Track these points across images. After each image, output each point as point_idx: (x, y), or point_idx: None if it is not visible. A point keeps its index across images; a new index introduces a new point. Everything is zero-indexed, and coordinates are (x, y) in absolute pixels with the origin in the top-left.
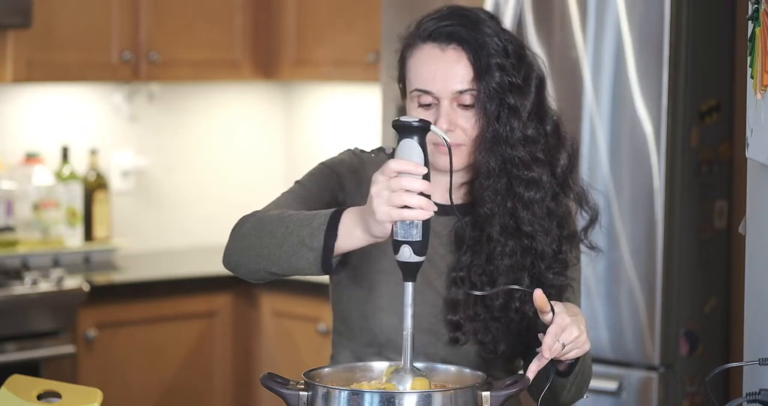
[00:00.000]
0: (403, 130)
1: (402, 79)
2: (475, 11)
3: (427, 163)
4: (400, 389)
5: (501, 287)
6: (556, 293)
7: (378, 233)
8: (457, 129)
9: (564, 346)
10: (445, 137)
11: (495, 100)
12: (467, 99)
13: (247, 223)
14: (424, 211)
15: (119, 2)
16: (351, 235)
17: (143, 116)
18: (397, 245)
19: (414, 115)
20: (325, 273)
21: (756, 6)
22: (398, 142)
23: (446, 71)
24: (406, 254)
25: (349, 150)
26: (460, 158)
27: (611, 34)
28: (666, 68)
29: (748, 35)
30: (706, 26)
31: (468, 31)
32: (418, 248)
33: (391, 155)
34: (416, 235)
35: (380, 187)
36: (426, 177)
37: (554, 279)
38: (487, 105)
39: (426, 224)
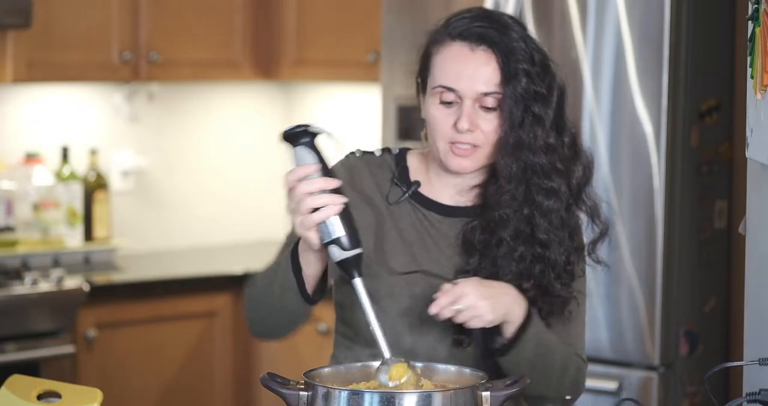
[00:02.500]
0: (290, 140)
1: (422, 74)
2: (504, 16)
3: (322, 160)
4: (391, 384)
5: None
6: (560, 304)
7: (314, 247)
8: (477, 130)
9: (458, 310)
10: (330, 133)
11: (520, 106)
12: (490, 102)
13: (252, 286)
14: (332, 206)
15: (119, 2)
16: (308, 261)
17: (143, 116)
18: (327, 249)
19: (433, 110)
20: (312, 304)
21: (756, 6)
22: (293, 154)
23: (474, 71)
24: (336, 253)
25: (351, 153)
26: (477, 160)
27: (611, 34)
28: (666, 68)
29: (748, 35)
30: (706, 26)
31: (499, 34)
32: (345, 242)
33: (399, 155)
34: (337, 231)
35: (288, 202)
36: (326, 174)
37: (561, 290)
38: (513, 109)
39: (344, 216)
